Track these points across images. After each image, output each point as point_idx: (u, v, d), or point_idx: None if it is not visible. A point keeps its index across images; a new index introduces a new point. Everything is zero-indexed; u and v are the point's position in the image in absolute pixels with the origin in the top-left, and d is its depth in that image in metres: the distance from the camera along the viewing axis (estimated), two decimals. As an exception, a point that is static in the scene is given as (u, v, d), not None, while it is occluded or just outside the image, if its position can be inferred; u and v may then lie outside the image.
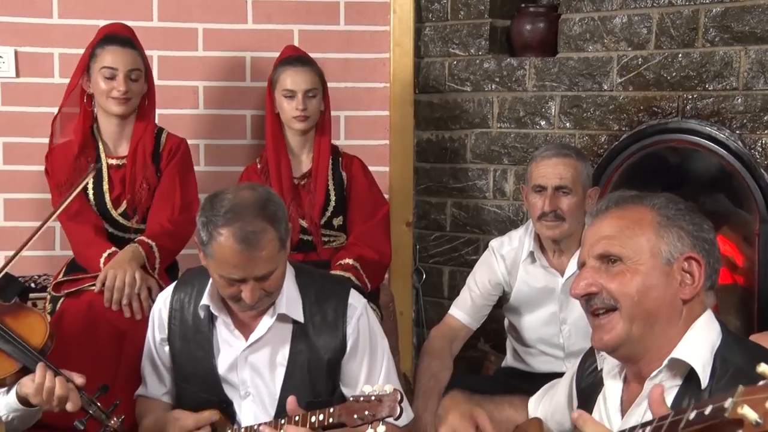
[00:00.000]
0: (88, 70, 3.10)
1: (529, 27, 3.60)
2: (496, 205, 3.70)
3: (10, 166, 3.62)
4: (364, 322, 2.33)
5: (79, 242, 3.10)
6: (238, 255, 2.10)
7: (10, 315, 2.29)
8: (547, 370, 2.85)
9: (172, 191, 3.14)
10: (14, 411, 2.16)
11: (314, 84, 3.22)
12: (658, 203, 1.68)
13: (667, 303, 1.62)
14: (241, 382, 2.32)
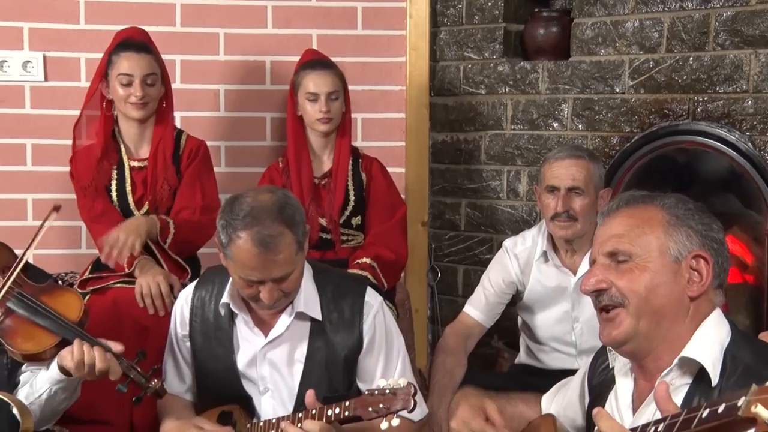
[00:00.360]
0: (107, 76, 3.12)
1: (542, 31, 3.60)
2: (510, 206, 3.70)
3: (37, 167, 3.64)
4: (380, 319, 2.33)
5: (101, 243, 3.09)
6: (256, 258, 2.11)
7: (45, 294, 2.31)
8: (559, 367, 2.85)
9: (193, 193, 3.16)
10: (57, 383, 2.18)
11: (336, 86, 3.22)
12: (668, 203, 1.67)
13: (675, 300, 1.62)
14: (260, 378, 2.33)
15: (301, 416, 2.09)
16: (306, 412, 2.09)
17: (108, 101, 3.16)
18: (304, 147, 3.28)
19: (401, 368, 2.35)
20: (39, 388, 2.22)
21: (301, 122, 3.28)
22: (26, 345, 2.20)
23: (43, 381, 2.21)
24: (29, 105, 3.64)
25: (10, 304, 2.24)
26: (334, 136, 3.29)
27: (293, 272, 2.19)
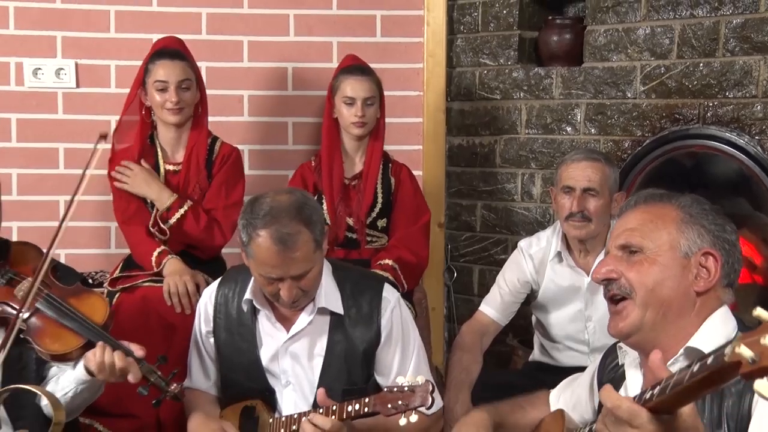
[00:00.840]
0: (144, 84, 3.15)
1: (555, 38, 3.60)
2: (524, 208, 3.70)
3: (69, 170, 3.66)
4: (397, 315, 2.34)
5: (133, 242, 3.15)
6: (275, 255, 2.13)
7: (73, 296, 2.31)
8: (572, 365, 2.84)
9: (219, 194, 3.18)
10: (82, 383, 2.19)
11: (373, 93, 3.22)
12: (684, 202, 1.68)
13: (681, 294, 1.63)
14: (282, 372, 2.33)
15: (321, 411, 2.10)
16: (327, 408, 2.09)
17: (147, 108, 3.18)
18: (338, 148, 3.29)
19: (417, 361, 2.35)
20: (65, 386, 2.22)
21: (336, 124, 3.29)
22: (54, 346, 2.21)
23: (69, 380, 2.22)
24: (62, 110, 3.66)
25: (39, 305, 2.24)
26: (366, 140, 3.29)
27: (311, 270, 2.20)
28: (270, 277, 2.17)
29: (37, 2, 3.60)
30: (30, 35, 3.61)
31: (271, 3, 3.72)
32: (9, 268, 2.31)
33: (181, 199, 3.12)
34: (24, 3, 3.59)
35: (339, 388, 2.18)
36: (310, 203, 2.25)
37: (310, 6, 3.74)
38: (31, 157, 3.64)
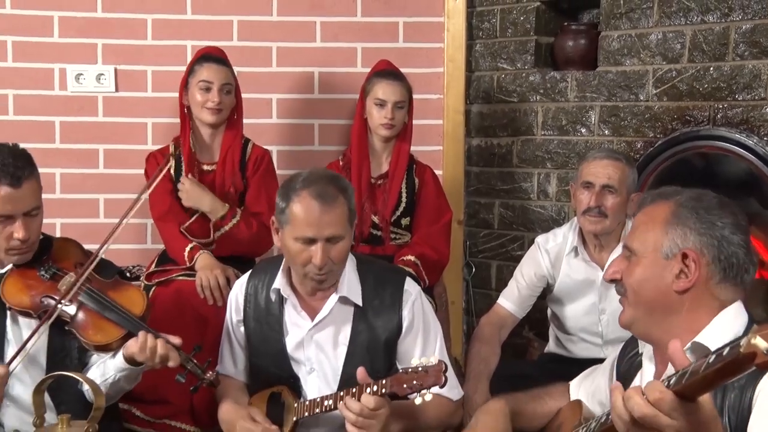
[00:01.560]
0: (187, 85, 3.17)
1: (571, 43, 3.58)
2: (540, 206, 3.70)
3: (109, 169, 3.71)
4: (418, 306, 2.33)
5: (166, 238, 3.17)
6: (314, 211, 2.16)
7: (112, 289, 2.33)
8: (586, 356, 2.84)
9: (258, 200, 3.19)
10: (121, 371, 2.21)
11: (403, 97, 3.22)
12: (681, 200, 1.66)
13: (662, 293, 1.63)
14: (306, 359, 2.33)
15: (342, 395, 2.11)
16: (347, 390, 2.10)
17: (187, 108, 3.20)
18: (366, 148, 3.29)
19: (439, 351, 2.34)
20: (105, 374, 2.24)
21: (366, 125, 3.29)
22: (96, 337, 2.23)
23: (109, 368, 2.24)
24: (102, 113, 3.70)
25: (81, 298, 2.27)
26: (393, 141, 3.29)
27: (343, 240, 2.21)
28: (305, 236, 2.17)
29: (80, 12, 3.64)
30: (73, 43, 3.65)
31: (298, 11, 3.74)
32: (52, 263, 2.33)
33: (233, 209, 3.13)
34: (67, 12, 3.63)
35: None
36: (344, 179, 2.31)
37: (336, 13, 3.75)
38: (73, 157, 3.68)
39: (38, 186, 2.27)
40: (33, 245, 2.28)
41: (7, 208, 2.19)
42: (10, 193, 2.18)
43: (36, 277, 2.29)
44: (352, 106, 3.44)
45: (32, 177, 2.23)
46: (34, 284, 2.28)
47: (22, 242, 2.22)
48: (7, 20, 3.62)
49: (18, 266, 2.30)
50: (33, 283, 2.29)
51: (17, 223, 2.20)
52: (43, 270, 2.31)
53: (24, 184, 2.19)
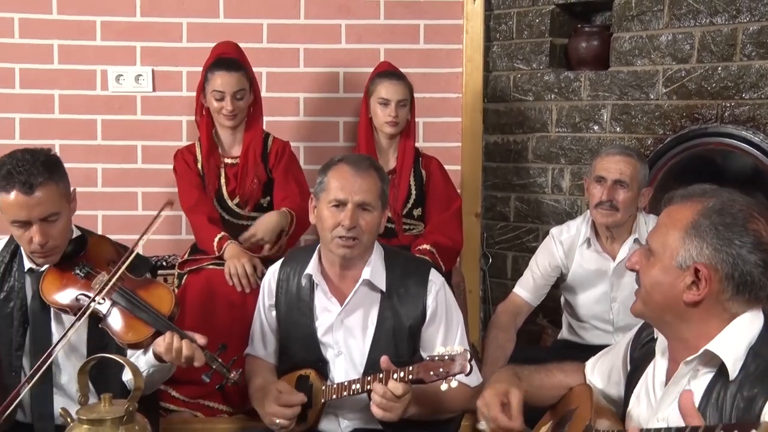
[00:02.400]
0: (204, 90, 3.19)
1: (584, 44, 3.57)
2: (554, 200, 3.69)
3: (147, 165, 3.73)
4: (441, 296, 2.32)
5: (196, 228, 3.18)
6: (346, 175, 2.23)
7: (142, 288, 2.29)
8: (597, 343, 2.83)
9: (288, 183, 3.21)
10: (153, 366, 2.21)
11: (405, 95, 3.24)
12: (706, 208, 1.57)
13: (670, 300, 1.59)
14: (335, 343, 2.32)
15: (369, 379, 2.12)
16: (374, 375, 2.11)
17: (207, 109, 3.23)
18: (373, 146, 3.31)
19: (460, 340, 2.33)
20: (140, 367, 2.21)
21: (371, 124, 3.31)
22: (128, 336, 2.22)
23: (142, 364, 2.22)
24: (140, 112, 3.72)
25: (114, 297, 2.24)
26: (398, 138, 3.31)
27: (373, 212, 2.25)
28: (338, 198, 2.21)
29: (120, 16, 3.67)
30: (113, 46, 3.67)
31: (324, 14, 3.74)
32: (86, 262, 2.31)
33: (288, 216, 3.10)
34: (108, 17, 3.66)
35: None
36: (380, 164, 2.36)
37: (360, 16, 3.75)
38: (113, 153, 3.70)
39: (59, 192, 2.20)
40: (57, 249, 2.24)
41: (21, 214, 2.14)
42: (22, 200, 2.13)
43: (71, 276, 2.28)
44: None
45: (49, 183, 2.16)
46: (69, 283, 2.27)
47: (41, 246, 2.18)
48: (53, 25, 3.65)
49: (55, 265, 2.28)
50: (69, 281, 2.27)
51: (33, 228, 2.16)
52: (78, 269, 2.29)
53: (36, 191, 2.13)
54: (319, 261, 2.35)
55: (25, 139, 3.63)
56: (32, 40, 3.65)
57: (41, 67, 3.66)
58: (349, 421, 2.31)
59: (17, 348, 2.27)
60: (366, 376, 2.15)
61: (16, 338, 2.27)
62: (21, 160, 2.16)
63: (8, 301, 2.29)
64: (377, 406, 2.05)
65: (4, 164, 2.16)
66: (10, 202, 2.14)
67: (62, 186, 2.22)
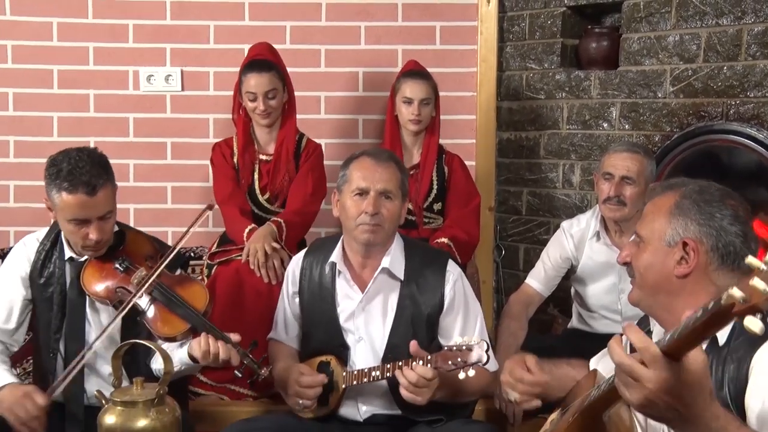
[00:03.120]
0: (240, 90, 3.21)
1: (594, 45, 3.56)
2: (565, 194, 3.68)
3: (176, 160, 3.76)
4: (459, 286, 2.34)
5: (228, 220, 3.20)
6: (368, 166, 2.27)
7: (179, 285, 2.32)
8: (606, 332, 2.83)
9: (305, 182, 3.22)
10: (185, 364, 2.23)
11: (429, 94, 3.24)
12: (685, 191, 1.65)
13: (663, 277, 1.63)
14: (356, 329, 2.33)
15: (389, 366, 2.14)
16: (394, 363, 2.12)
17: (244, 108, 3.24)
18: (398, 142, 3.31)
19: (479, 331, 2.33)
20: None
21: (396, 121, 3.31)
22: (164, 329, 2.24)
23: (176, 361, 2.23)
24: (169, 110, 3.75)
25: (154, 293, 2.27)
26: (423, 135, 3.30)
27: (394, 200, 2.27)
28: (360, 187, 2.25)
29: (151, 20, 3.70)
30: (145, 47, 3.71)
31: (345, 16, 3.75)
32: (126, 257, 2.34)
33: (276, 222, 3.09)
34: (140, 21, 3.69)
35: (405, 346, 2.15)
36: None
37: (379, 19, 3.76)
38: (144, 149, 3.74)
39: (112, 192, 2.26)
40: (107, 243, 2.30)
41: (83, 214, 2.19)
42: (86, 201, 2.16)
43: (111, 269, 2.31)
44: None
45: (107, 184, 2.22)
46: (109, 275, 2.30)
47: (96, 243, 2.23)
48: (89, 29, 3.69)
49: (96, 257, 2.32)
50: (109, 274, 2.31)
51: (92, 225, 2.21)
52: (118, 263, 2.32)
53: (99, 192, 2.18)
54: (343, 250, 2.37)
55: (63, 136, 3.68)
56: (69, 43, 3.70)
57: (78, 68, 3.71)
58: (368, 407, 2.32)
59: (56, 331, 2.33)
60: (386, 364, 2.17)
61: (55, 322, 2.33)
62: (79, 160, 2.18)
63: (48, 287, 2.34)
64: (408, 390, 2.07)
65: (62, 164, 2.18)
66: (71, 203, 2.17)
67: (114, 185, 2.29)
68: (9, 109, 3.72)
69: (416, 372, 2.05)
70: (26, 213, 3.72)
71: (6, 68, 3.70)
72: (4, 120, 3.72)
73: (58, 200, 2.19)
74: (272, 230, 3.04)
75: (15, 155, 3.73)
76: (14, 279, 2.35)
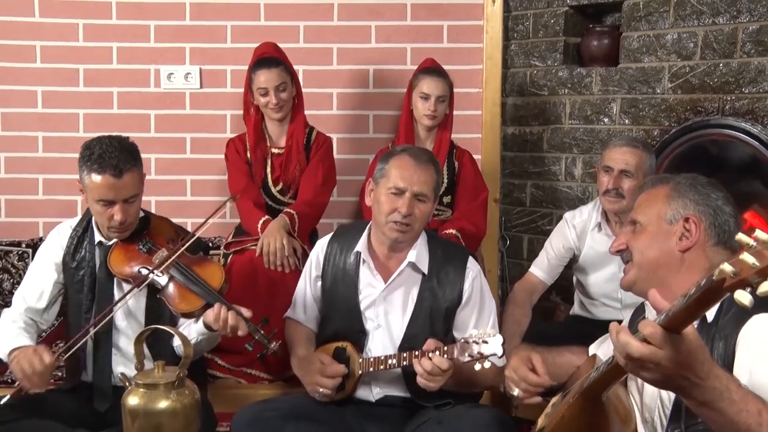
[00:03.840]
0: (251, 89, 3.22)
1: (595, 43, 3.54)
2: (567, 186, 3.68)
3: (195, 155, 3.78)
4: (477, 282, 2.34)
5: (243, 212, 3.22)
6: (408, 166, 2.25)
7: (197, 265, 2.36)
8: (606, 318, 2.81)
9: (315, 173, 3.24)
10: (202, 334, 2.27)
11: (445, 92, 3.24)
12: (678, 180, 1.71)
13: (666, 253, 1.66)
14: (375, 316, 2.33)
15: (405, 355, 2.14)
16: (410, 352, 2.13)
17: (255, 105, 3.26)
18: (412, 135, 3.31)
19: (492, 323, 2.34)
20: (189, 335, 2.27)
21: (412, 116, 3.31)
22: (182, 306, 2.28)
23: (192, 332, 2.29)
24: (189, 107, 3.77)
25: (172, 272, 2.31)
26: (436, 130, 3.31)
27: (427, 202, 2.27)
28: (398, 186, 2.23)
29: (171, 20, 3.71)
30: (165, 47, 3.72)
31: (356, 16, 3.75)
32: (149, 239, 2.39)
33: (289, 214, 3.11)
34: (161, 22, 3.71)
35: (422, 336, 2.18)
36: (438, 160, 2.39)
37: (389, 18, 3.76)
38: (165, 144, 3.75)
39: (139, 177, 2.32)
40: (131, 226, 2.34)
41: (109, 195, 2.25)
42: (112, 182, 2.23)
43: (135, 251, 2.36)
44: (402, 98, 3.45)
45: (134, 169, 2.28)
46: (133, 256, 2.35)
47: (120, 224, 2.29)
48: (113, 29, 3.72)
49: (122, 240, 2.37)
50: (133, 255, 2.35)
51: (117, 207, 2.26)
52: (142, 244, 2.37)
53: (125, 175, 2.24)
54: (368, 240, 2.36)
55: (88, 132, 3.70)
56: (94, 43, 3.72)
57: (102, 67, 3.73)
58: (381, 389, 2.33)
59: (86, 311, 2.38)
60: (402, 353, 2.18)
61: (85, 303, 2.38)
62: (109, 146, 2.25)
63: (79, 270, 2.40)
64: (423, 378, 2.08)
65: (95, 148, 2.25)
66: (99, 183, 2.24)
67: (141, 171, 2.35)
68: (38, 106, 3.75)
69: (433, 362, 2.06)
70: (54, 205, 3.77)
71: (34, 67, 3.73)
72: (33, 117, 3.76)
73: (88, 181, 2.25)
74: (285, 222, 3.05)
75: (43, 150, 3.77)
76: (48, 264, 2.42)
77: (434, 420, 2.17)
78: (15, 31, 3.71)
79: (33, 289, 2.41)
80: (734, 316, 1.52)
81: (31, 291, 2.41)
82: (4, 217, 3.80)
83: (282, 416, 2.16)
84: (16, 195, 3.79)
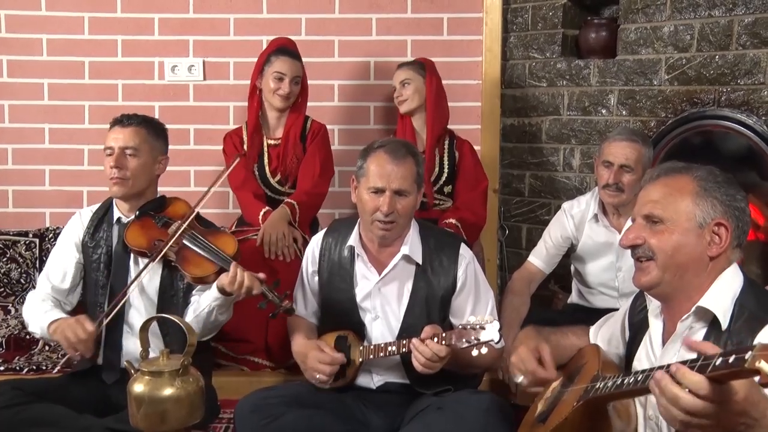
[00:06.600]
0: (262, 71, 3.20)
1: (593, 35, 3.53)
2: (565, 177, 3.67)
3: (198, 146, 3.79)
4: (471, 269, 2.33)
5: (243, 204, 3.23)
6: (386, 164, 2.20)
7: (210, 234, 2.44)
8: (603, 307, 2.83)
9: (313, 163, 3.23)
10: (216, 300, 2.29)
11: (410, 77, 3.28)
12: (700, 174, 1.61)
13: (695, 258, 1.59)
14: (372, 308, 2.33)
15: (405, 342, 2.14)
16: (409, 339, 2.12)
17: (259, 91, 3.24)
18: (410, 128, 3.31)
19: (490, 310, 2.34)
20: (202, 303, 2.33)
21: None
22: (195, 271, 2.32)
23: (206, 298, 2.32)
24: (192, 99, 3.77)
25: (185, 241, 2.38)
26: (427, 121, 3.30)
27: (409, 197, 2.23)
28: (376, 186, 2.20)
29: (175, 13, 3.72)
30: (169, 39, 3.73)
31: (357, 9, 3.75)
32: (164, 215, 2.48)
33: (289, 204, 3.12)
34: (165, 15, 3.71)
35: (419, 325, 2.16)
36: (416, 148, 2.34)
37: (389, 11, 3.75)
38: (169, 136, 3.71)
39: (142, 135, 2.46)
40: (128, 182, 2.43)
41: (111, 142, 2.44)
42: (117, 131, 2.45)
43: (151, 225, 2.44)
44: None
45: (142, 129, 2.46)
46: (149, 229, 2.42)
47: (117, 170, 2.40)
48: (118, 22, 3.72)
49: (138, 218, 2.45)
50: (148, 228, 2.43)
51: (114, 155, 2.41)
52: (157, 219, 2.45)
53: (129, 128, 2.45)
54: (359, 234, 2.36)
55: (94, 124, 3.72)
56: (99, 36, 3.73)
57: (107, 59, 3.73)
58: (380, 376, 2.34)
59: (102, 287, 2.43)
60: (401, 340, 2.18)
61: (101, 279, 2.44)
62: (136, 114, 2.52)
63: (97, 248, 2.47)
64: (421, 364, 2.08)
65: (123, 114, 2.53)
66: (109, 132, 2.47)
67: (150, 136, 2.50)
68: (44, 98, 3.76)
69: (431, 349, 2.05)
70: (60, 195, 3.77)
71: (41, 60, 3.73)
72: (40, 109, 3.76)
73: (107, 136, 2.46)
74: (286, 213, 3.06)
75: (50, 141, 3.78)
76: (69, 245, 2.49)
77: (434, 406, 2.16)
78: (22, 25, 3.72)
79: (57, 270, 2.48)
80: (748, 323, 1.50)
81: (55, 272, 2.48)
82: (11, 207, 3.80)
83: (284, 403, 2.16)
84: (23, 186, 3.79)
